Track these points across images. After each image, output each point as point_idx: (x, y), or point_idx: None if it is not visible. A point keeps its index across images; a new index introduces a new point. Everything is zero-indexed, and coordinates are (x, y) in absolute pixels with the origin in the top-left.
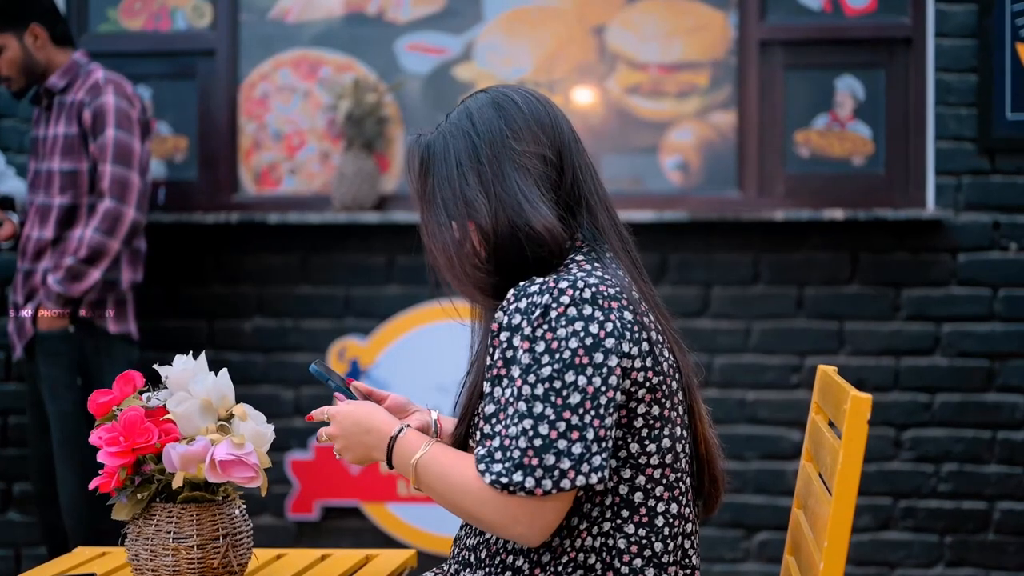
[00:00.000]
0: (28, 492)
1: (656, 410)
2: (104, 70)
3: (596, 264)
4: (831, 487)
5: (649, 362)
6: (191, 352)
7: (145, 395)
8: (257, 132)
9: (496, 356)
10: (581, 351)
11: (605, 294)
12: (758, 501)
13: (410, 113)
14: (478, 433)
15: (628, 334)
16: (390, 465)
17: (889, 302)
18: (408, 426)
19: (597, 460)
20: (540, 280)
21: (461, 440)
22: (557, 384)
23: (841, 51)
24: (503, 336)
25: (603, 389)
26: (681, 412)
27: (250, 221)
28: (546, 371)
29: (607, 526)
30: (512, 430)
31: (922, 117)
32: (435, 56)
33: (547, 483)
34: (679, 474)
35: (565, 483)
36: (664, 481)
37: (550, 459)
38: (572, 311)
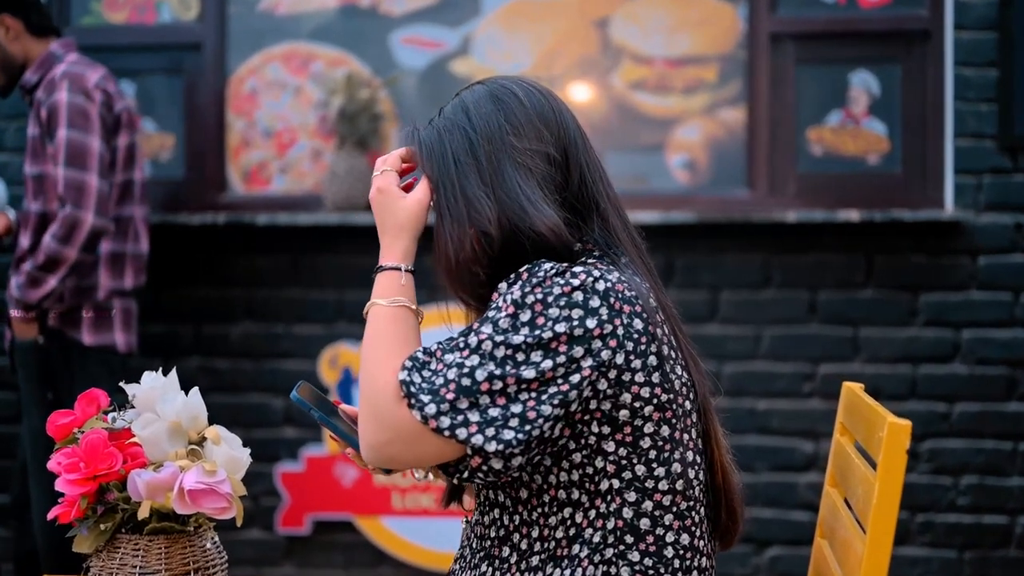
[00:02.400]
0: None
1: (666, 431)
2: (71, 63)
3: (611, 267)
4: (864, 523)
5: (656, 378)
6: (160, 369)
7: (111, 415)
8: (246, 129)
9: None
10: (564, 339)
11: (620, 295)
12: (769, 515)
13: (405, 109)
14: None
15: (631, 344)
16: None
17: (906, 307)
18: (408, 270)
19: (508, 435)
20: (556, 262)
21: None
22: (520, 356)
23: (855, 44)
24: (497, 301)
25: (559, 381)
26: (694, 436)
27: (238, 222)
28: (516, 340)
29: (609, 553)
30: (450, 358)
31: (940, 113)
32: (431, 50)
33: (444, 421)
34: (691, 502)
35: (461, 432)
36: (674, 509)
37: (463, 403)
38: (577, 296)
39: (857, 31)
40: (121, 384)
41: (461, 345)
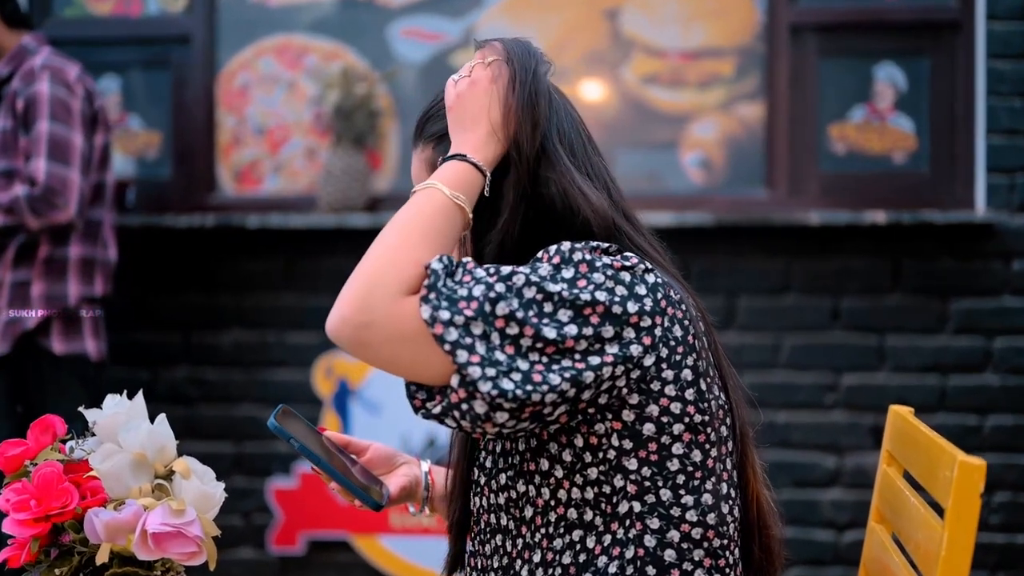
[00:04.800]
0: None
1: (697, 456)
2: (49, 55)
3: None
4: (926, 573)
5: (691, 395)
6: (125, 393)
7: (68, 444)
8: (237, 126)
9: None
10: (600, 309)
11: (668, 295)
12: (789, 534)
13: (404, 105)
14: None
15: (666, 350)
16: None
17: (935, 314)
18: (484, 174)
19: (507, 384)
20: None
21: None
22: (547, 307)
23: (881, 36)
24: (540, 254)
25: (576, 356)
26: (729, 466)
27: (228, 224)
28: (550, 288)
29: None
30: (480, 273)
31: (971, 109)
32: (432, 43)
33: (451, 334)
34: (725, 540)
35: (461, 355)
36: (706, 545)
37: (477, 328)
38: (625, 276)
39: (883, 22)
40: (81, 409)
41: (492, 270)
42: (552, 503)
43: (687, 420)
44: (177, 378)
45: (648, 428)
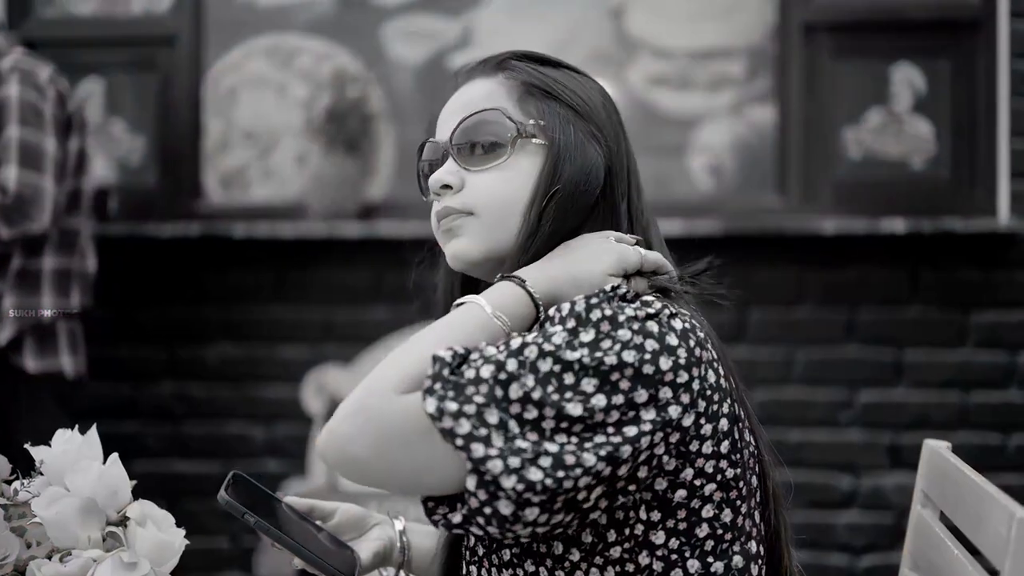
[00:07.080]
0: None
1: (727, 516)
2: (20, 57)
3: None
4: None
5: (725, 447)
6: (76, 427)
7: (14, 485)
8: (224, 131)
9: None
10: (629, 372)
11: (697, 338)
12: (802, 558)
13: (400, 108)
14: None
15: (703, 403)
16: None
17: (956, 327)
18: (539, 319)
19: (535, 475)
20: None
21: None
22: (568, 379)
23: (898, 35)
24: (552, 314)
25: (610, 429)
26: (757, 520)
27: (214, 234)
28: (570, 356)
29: None
30: (491, 352)
31: (993, 111)
32: (428, 43)
33: (463, 426)
34: None
35: (476, 449)
36: None
37: (492, 416)
38: (652, 326)
39: (900, 20)
40: (27, 447)
41: (501, 347)
42: None
43: (719, 478)
44: (161, 394)
45: (679, 494)
